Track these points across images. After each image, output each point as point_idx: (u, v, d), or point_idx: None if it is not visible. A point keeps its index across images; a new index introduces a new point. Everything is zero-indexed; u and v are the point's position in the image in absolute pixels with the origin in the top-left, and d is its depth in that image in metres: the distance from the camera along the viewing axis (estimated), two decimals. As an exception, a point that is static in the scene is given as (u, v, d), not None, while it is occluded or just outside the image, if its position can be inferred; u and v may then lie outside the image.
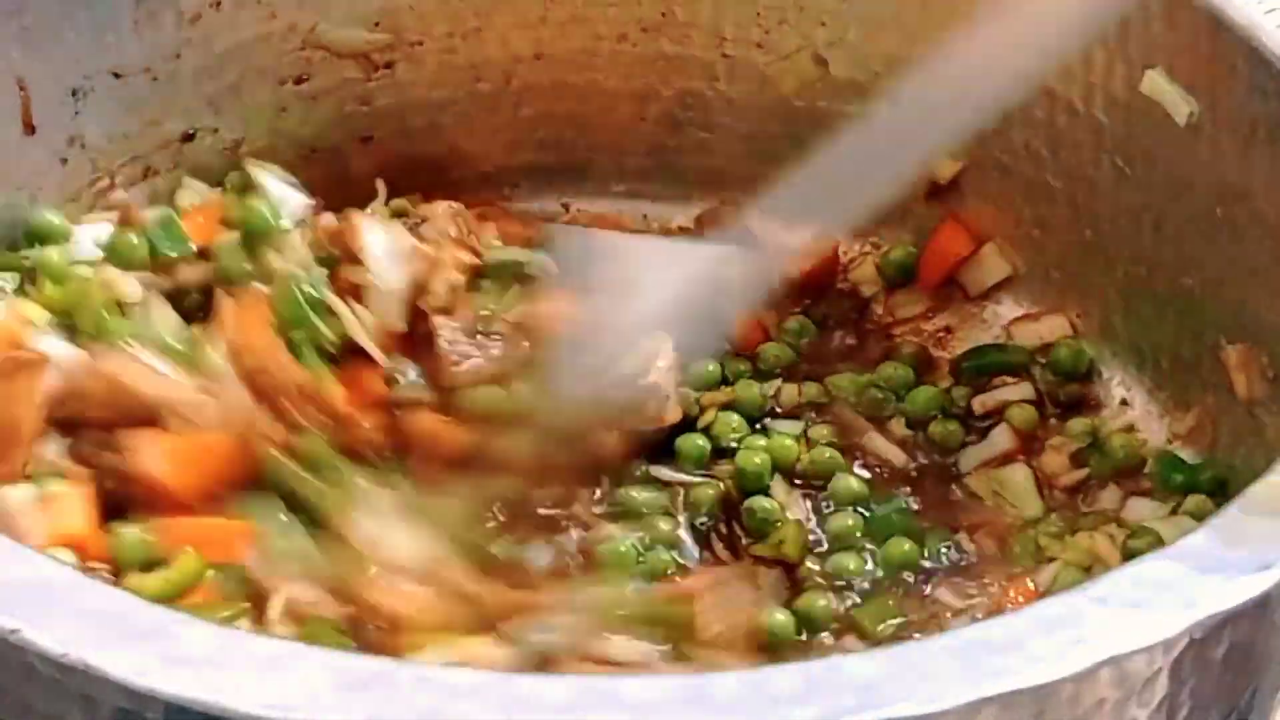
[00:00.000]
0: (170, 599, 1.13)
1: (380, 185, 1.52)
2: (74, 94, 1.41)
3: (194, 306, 1.35)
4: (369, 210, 1.46)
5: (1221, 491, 1.31)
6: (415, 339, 1.34)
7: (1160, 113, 1.36)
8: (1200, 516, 1.26)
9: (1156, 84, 1.36)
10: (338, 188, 1.56)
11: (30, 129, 1.39)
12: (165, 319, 1.32)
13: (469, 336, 1.33)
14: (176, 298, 1.35)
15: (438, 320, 1.33)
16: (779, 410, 1.43)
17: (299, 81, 1.53)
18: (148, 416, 1.23)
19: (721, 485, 1.34)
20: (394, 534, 1.20)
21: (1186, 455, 1.36)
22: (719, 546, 1.32)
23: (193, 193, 1.47)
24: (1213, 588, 0.88)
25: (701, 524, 1.33)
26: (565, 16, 1.56)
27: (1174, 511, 1.32)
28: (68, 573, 0.88)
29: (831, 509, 1.34)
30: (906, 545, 1.30)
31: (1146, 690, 0.89)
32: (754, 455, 1.35)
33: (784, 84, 1.56)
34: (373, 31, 1.54)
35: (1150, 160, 1.39)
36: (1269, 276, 1.28)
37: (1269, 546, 0.90)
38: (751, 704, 0.81)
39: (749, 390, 1.42)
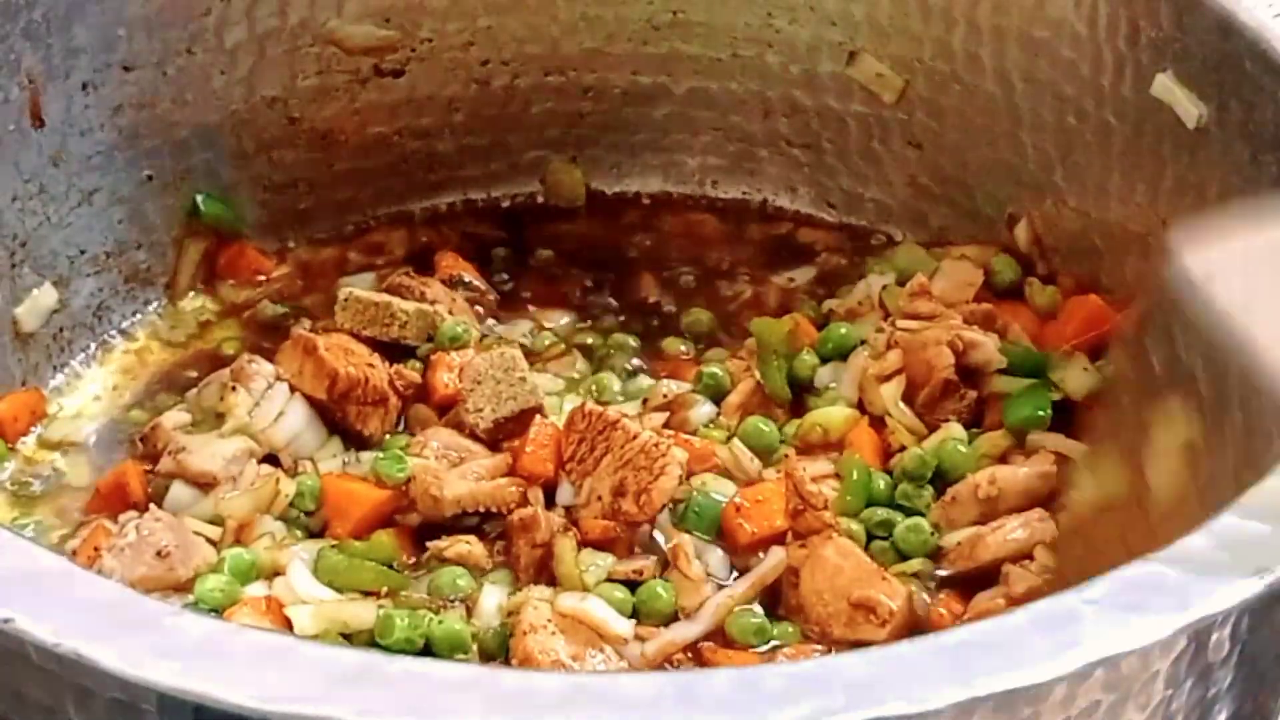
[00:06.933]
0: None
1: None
2: (84, 88, 1.42)
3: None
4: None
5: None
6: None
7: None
8: None
9: (1166, 87, 1.36)
10: (350, 184, 1.58)
11: (39, 122, 1.39)
12: None
13: None
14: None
15: None
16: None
17: (310, 77, 1.53)
18: None
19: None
20: None
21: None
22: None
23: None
24: (1209, 590, 0.87)
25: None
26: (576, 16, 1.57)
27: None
28: (62, 563, 0.89)
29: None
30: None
31: (1143, 693, 0.89)
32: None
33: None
34: (384, 28, 1.54)
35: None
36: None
37: (1266, 550, 0.89)
38: (743, 703, 0.81)
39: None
